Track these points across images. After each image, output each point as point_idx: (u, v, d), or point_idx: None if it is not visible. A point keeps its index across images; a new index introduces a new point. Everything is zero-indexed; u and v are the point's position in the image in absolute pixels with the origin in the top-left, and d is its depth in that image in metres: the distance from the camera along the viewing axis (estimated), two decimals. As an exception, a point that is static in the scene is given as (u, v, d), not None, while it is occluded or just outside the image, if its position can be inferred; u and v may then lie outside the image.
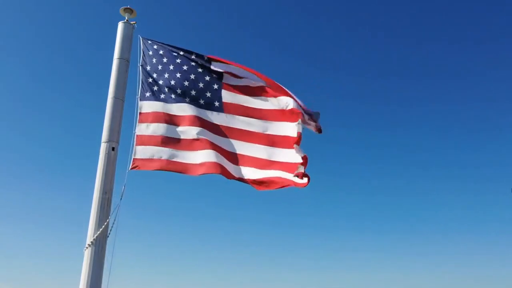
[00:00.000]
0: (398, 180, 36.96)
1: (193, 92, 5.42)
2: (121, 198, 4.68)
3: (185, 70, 5.48)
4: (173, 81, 5.41)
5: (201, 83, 5.47)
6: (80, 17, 32.16)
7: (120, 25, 5.31)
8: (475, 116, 37.25)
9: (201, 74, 5.50)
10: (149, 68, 5.45)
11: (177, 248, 33.69)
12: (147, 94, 5.31)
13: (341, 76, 38.91)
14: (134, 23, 5.38)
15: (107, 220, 4.57)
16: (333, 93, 38.70)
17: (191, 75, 5.48)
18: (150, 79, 5.39)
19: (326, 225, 34.85)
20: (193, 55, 5.57)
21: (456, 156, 37.25)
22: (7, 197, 31.40)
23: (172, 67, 5.47)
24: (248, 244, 34.03)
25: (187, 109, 5.31)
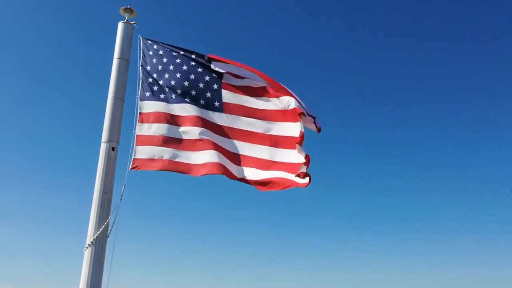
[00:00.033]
0: (398, 180, 36.99)
1: (193, 92, 5.40)
2: (121, 198, 4.68)
3: (185, 70, 5.47)
4: (173, 81, 5.40)
5: (201, 83, 5.46)
6: (80, 17, 32.19)
7: (120, 25, 5.31)
8: (475, 116, 37.28)
9: (201, 74, 5.49)
10: (149, 68, 5.44)
11: (177, 248, 33.71)
12: (147, 94, 5.30)
13: (341, 76, 38.94)
14: (134, 23, 5.38)
15: (107, 220, 4.57)
16: (333, 93, 38.75)
17: (191, 75, 5.47)
18: (150, 79, 5.39)
19: (326, 225, 34.87)
20: (193, 55, 5.56)
21: (456, 156, 37.27)
22: (7, 197, 31.44)
23: (172, 67, 5.46)
24: (248, 244, 34.05)
25: (189, 109, 5.30)
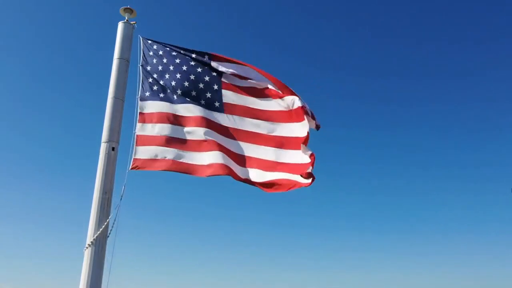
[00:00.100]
0: (398, 180, 37.04)
1: (193, 92, 5.39)
2: (121, 198, 4.68)
3: (185, 70, 5.45)
4: (174, 82, 5.39)
5: (201, 84, 5.44)
6: (80, 17, 32.22)
7: (120, 25, 5.31)
8: (475, 116, 37.33)
9: (201, 74, 5.47)
10: (149, 68, 5.42)
11: (177, 248, 33.75)
12: (147, 94, 5.29)
13: (341, 76, 38.99)
14: (134, 23, 5.37)
15: (107, 220, 4.57)
16: (333, 93, 38.79)
17: (191, 76, 5.45)
18: (150, 79, 5.37)
19: (326, 225, 34.92)
20: (194, 54, 5.53)
21: (456, 156, 37.31)
22: (7, 197, 31.48)
23: (172, 67, 5.44)
24: (248, 244, 34.09)
25: (193, 109, 5.27)
